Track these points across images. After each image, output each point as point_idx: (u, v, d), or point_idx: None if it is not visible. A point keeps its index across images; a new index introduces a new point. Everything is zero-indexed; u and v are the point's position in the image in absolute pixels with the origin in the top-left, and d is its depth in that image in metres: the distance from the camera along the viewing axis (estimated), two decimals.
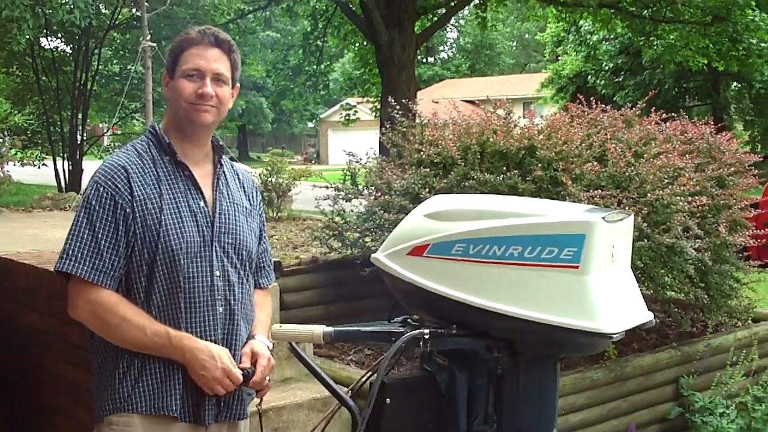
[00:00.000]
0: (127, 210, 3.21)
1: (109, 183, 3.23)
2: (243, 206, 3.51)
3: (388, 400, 2.87)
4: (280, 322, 5.68)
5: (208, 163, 3.47)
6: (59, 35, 23.93)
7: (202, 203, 3.35)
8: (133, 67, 22.57)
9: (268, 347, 3.46)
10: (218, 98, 3.35)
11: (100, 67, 25.26)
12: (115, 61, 27.24)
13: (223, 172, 3.49)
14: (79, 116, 24.23)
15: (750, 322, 8.07)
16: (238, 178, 3.60)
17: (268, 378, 3.41)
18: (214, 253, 3.34)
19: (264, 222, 3.74)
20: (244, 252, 3.45)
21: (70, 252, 3.20)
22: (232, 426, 3.46)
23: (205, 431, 3.35)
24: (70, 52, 25.21)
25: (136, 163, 3.29)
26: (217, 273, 3.34)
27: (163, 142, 3.36)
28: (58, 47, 25.38)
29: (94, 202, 3.21)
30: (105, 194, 3.21)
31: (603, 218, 2.71)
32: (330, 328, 2.98)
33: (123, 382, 3.24)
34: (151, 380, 3.25)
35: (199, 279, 3.30)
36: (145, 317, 3.20)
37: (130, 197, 3.22)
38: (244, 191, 3.59)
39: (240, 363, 3.34)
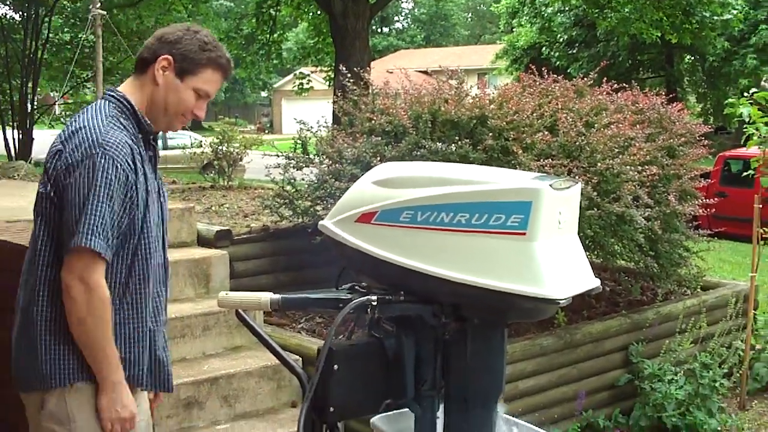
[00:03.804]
0: (132, 188, 3.16)
1: (123, 161, 3.13)
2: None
3: (335, 367, 2.87)
4: (230, 290, 5.66)
5: None
6: (7, 2, 23.65)
7: (157, 186, 3.40)
8: (84, 36, 22.32)
9: None
10: None
11: (50, 35, 24.98)
12: (65, 30, 26.94)
13: (157, 152, 3.47)
14: (29, 85, 24.00)
15: (699, 290, 8.16)
16: None
17: None
18: (164, 237, 3.45)
19: None
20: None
21: (95, 228, 3.07)
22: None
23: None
24: (20, 19, 24.93)
25: (132, 141, 3.22)
26: (166, 256, 3.47)
27: (144, 123, 3.31)
28: (6, 14, 25.08)
29: (113, 179, 3.09)
30: (121, 171, 3.12)
31: (550, 185, 2.72)
32: (277, 295, 2.96)
33: None
34: (123, 351, 3.27)
35: (159, 264, 3.38)
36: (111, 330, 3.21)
37: (134, 175, 3.17)
38: None
39: None
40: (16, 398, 3.67)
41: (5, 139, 23.84)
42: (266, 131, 56.78)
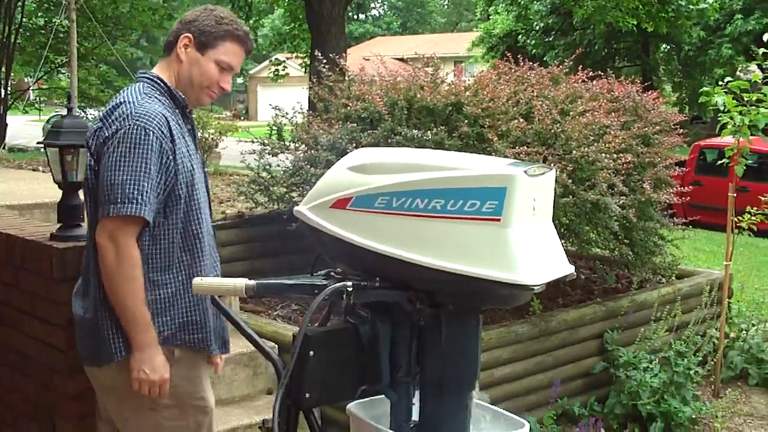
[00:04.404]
0: (170, 156, 3.32)
1: (156, 129, 3.28)
2: None
3: (311, 353, 2.86)
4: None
5: None
6: None
7: (199, 158, 3.61)
8: (58, 20, 22.16)
9: None
10: None
11: (24, 19, 24.77)
12: (39, 14, 26.72)
13: (195, 127, 3.70)
14: (3, 70, 23.79)
15: (674, 278, 8.19)
16: None
17: None
18: (210, 206, 3.70)
19: None
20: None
21: (129, 193, 3.22)
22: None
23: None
24: None
25: (168, 113, 3.39)
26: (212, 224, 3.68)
27: (178, 97, 3.50)
28: None
29: (146, 146, 3.25)
30: (154, 139, 3.27)
31: (524, 172, 2.71)
32: (252, 281, 2.95)
33: (163, 317, 3.40)
34: (191, 316, 3.46)
35: (209, 232, 3.62)
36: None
37: (171, 144, 3.33)
38: None
39: None
40: (15, 398, 3.66)
41: None
42: (242, 117, 56.48)
